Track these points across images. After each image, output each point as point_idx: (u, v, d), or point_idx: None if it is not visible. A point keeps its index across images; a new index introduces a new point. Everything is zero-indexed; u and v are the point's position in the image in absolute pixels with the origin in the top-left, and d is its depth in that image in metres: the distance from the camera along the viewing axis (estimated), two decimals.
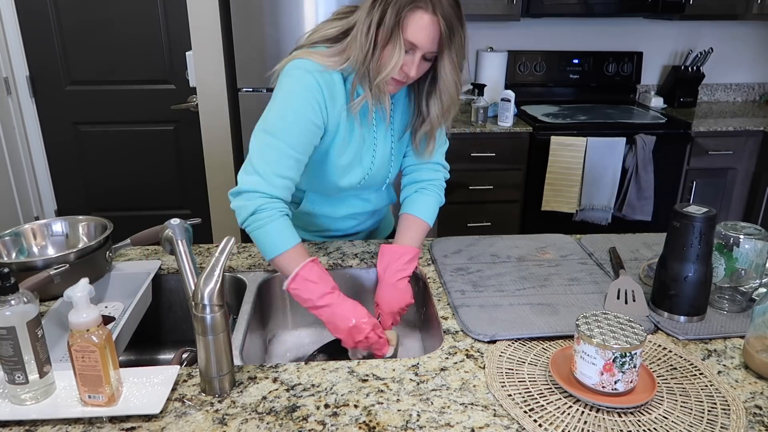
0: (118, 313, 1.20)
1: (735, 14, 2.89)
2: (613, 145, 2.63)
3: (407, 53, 1.06)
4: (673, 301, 1.04)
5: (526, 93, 3.12)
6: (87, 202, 3.04)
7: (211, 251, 1.37)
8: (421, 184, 1.31)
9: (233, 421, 0.81)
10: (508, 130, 2.71)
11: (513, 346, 0.98)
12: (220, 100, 2.58)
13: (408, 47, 1.05)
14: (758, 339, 0.91)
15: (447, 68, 1.09)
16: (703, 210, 0.99)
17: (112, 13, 2.73)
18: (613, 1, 2.81)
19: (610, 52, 3.16)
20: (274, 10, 2.41)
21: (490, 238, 1.41)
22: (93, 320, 0.79)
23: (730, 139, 2.79)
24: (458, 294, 1.14)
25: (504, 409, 0.84)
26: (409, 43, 1.04)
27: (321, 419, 0.82)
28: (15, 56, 2.76)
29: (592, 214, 2.75)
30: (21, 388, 0.82)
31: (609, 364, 0.81)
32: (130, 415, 0.82)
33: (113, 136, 2.94)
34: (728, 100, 3.38)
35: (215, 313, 0.82)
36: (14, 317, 0.79)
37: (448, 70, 1.09)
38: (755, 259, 1.05)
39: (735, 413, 0.82)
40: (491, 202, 2.83)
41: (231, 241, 0.86)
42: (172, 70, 2.84)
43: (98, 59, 2.81)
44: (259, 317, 1.22)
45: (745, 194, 2.92)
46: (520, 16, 2.79)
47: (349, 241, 1.42)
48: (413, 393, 0.87)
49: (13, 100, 2.80)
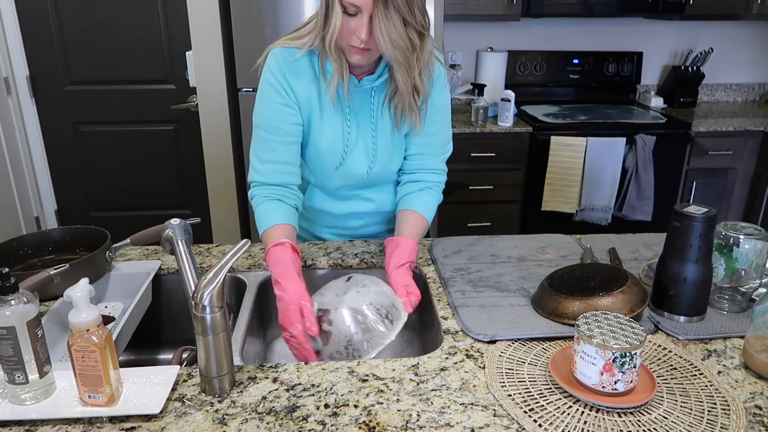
0: (118, 313, 1.20)
1: (735, 14, 2.89)
2: (613, 145, 2.63)
3: (353, 16, 1.04)
4: (673, 301, 1.04)
5: (526, 93, 3.12)
6: (87, 202, 3.04)
7: (211, 251, 1.37)
8: (421, 184, 1.31)
9: (233, 421, 0.81)
10: (508, 130, 2.71)
11: (513, 346, 0.98)
12: (220, 100, 2.58)
13: (352, 10, 1.04)
14: (758, 339, 0.91)
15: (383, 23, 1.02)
16: (703, 210, 0.99)
17: (112, 13, 2.73)
18: (613, 1, 2.82)
19: (610, 52, 3.16)
20: (274, 10, 2.41)
21: (490, 238, 1.41)
22: (93, 320, 0.79)
23: (730, 139, 2.79)
24: (458, 294, 1.14)
25: (504, 409, 0.84)
26: (350, 5, 1.03)
27: (321, 419, 0.82)
28: (15, 56, 2.76)
29: (592, 214, 2.75)
30: (21, 388, 0.82)
31: (609, 364, 0.81)
32: (130, 415, 0.82)
33: (113, 136, 2.94)
34: (728, 100, 3.38)
35: (215, 313, 0.82)
36: (14, 317, 0.79)
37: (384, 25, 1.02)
38: (755, 259, 1.05)
39: (735, 413, 0.82)
40: (491, 202, 2.83)
41: (246, 245, 0.86)
42: (172, 70, 2.83)
43: (98, 59, 2.80)
44: (259, 317, 1.22)
45: (745, 194, 2.92)
46: (520, 16, 2.79)
47: (349, 241, 1.42)
48: (413, 393, 0.87)
49: (13, 100, 2.80)
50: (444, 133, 1.30)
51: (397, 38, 1.04)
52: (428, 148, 1.29)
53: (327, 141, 1.23)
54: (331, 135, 1.22)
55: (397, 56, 1.07)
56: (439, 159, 1.32)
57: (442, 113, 1.27)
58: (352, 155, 1.25)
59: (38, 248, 1.29)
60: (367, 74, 1.19)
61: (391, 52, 1.06)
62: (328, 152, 1.24)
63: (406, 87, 1.15)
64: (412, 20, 1.03)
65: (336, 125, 1.22)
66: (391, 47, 1.05)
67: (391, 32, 1.02)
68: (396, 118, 1.22)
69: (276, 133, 1.19)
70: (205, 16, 2.45)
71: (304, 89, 1.19)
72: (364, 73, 1.19)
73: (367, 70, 1.18)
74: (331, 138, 1.23)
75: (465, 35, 3.12)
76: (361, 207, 1.36)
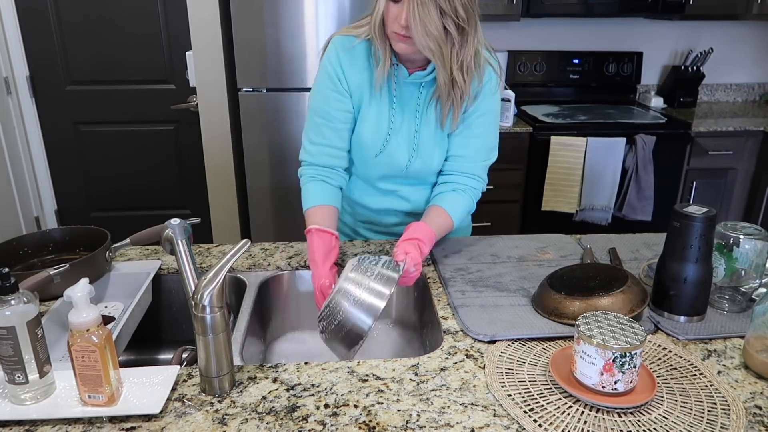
0: (118, 313, 1.20)
1: (735, 14, 2.89)
2: (613, 145, 2.63)
3: (396, 2, 1.08)
4: (673, 301, 1.04)
5: (526, 93, 3.12)
6: (87, 202, 3.04)
7: (211, 251, 1.37)
8: (454, 185, 1.30)
9: (233, 421, 0.81)
10: (509, 130, 2.71)
11: (513, 346, 0.98)
12: (220, 100, 2.58)
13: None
14: (758, 339, 0.91)
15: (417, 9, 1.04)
16: (703, 210, 0.99)
17: (112, 12, 2.73)
18: (613, 1, 2.81)
19: (610, 52, 3.16)
20: (274, 10, 2.41)
21: (490, 238, 1.41)
22: (93, 320, 0.79)
23: (730, 139, 2.78)
24: (458, 294, 1.14)
25: (504, 409, 0.84)
26: None
27: (321, 419, 0.82)
28: (15, 56, 2.76)
29: (592, 214, 2.75)
30: (21, 388, 0.82)
31: (609, 364, 0.81)
32: (130, 415, 0.82)
33: (113, 136, 2.94)
34: (728, 100, 3.37)
35: (215, 313, 0.82)
36: (14, 317, 0.79)
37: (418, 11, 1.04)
38: (755, 259, 1.05)
39: (735, 413, 0.82)
40: (491, 202, 2.82)
41: (247, 245, 0.86)
42: (172, 70, 2.84)
43: (98, 59, 2.81)
44: (259, 317, 1.22)
45: (745, 194, 2.92)
46: (520, 16, 2.79)
47: (349, 240, 1.42)
48: (413, 393, 0.87)
49: (13, 100, 2.80)
50: (487, 138, 1.29)
51: (430, 26, 1.06)
52: (469, 150, 1.28)
53: (371, 126, 1.26)
54: (376, 120, 1.26)
55: (429, 44, 1.08)
56: (479, 165, 1.30)
57: (487, 118, 1.26)
58: (394, 144, 1.27)
59: (38, 248, 1.29)
60: (419, 69, 1.21)
61: (423, 40, 1.07)
62: (371, 137, 1.26)
63: (444, 80, 1.16)
64: (449, 11, 1.06)
65: (382, 112, 1.25)
66: (424, 34, 1.07)
67: (425, 19, 1.05)
68: (439, 115, 1.24)
69: (326, 118, 1.25)
70: (205, 16, 2.45)
71: (357, 75, 1.23)
72: (416, 68, 1.21)
73: (420, 66, 1.21)
74: (376, 123, 1.26)
75: None
76: (398, 205, 1.37)
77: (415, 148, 1.27)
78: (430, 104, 1.24)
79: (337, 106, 1.24)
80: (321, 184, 1.27)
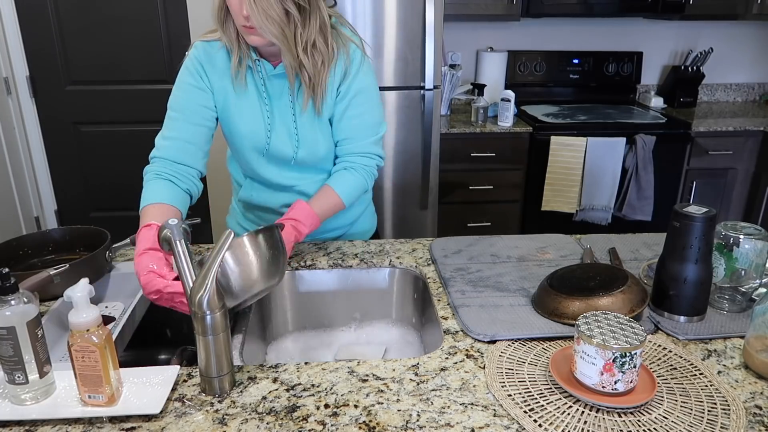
0: (118, 313, 1.20)
1: (735, 14, 2.89)
2: (613, 145, 2.63)
3: None
4: (673, 301, 1.04)
5: (526, 93, 3.12)
6: (87, 202, 3.04)
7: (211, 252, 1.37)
8: (345, 164, 1.30)
9: (233, 421, 0.81)
10: (508, 130, 2.71)
11: (513, 346, 0.98)
12: None
13: None
14: (758, 339, 0.91)
15: None
16: (703, 210, 0.99)
17: (112, 13, 2.73)
18: (613, 1, 2.82)
19: (610, 52, 3.16)
20: None
21: (490, 238, 1.41)
22: (93, 320, 0.79)
23: (730, 139, 2.79)
24: (458, 294, 1.14)
25: (504, 409, 0.84)
26: None
27: (321, 419, 0.82)
28: (15, 56, 2.76)
29: (592, 214, 2.75)
30: (21, 388, 0.82)
31: (609, 364, 0.81)
32: (130, 415, 0.82)
33: (113, 136, 2.94)
34: (728, 100, 3.38)
35: (215, 314, 0.82)
36: (14, 317, 0.79)
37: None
38: (755, 259, 1.05)
39: (735, 413, 0.82)
40: (491, 202, 2.83)
41: (230, 237, 0.85)
42: (172, 70, 2.83)
43: (98, 59, 2.80)
44: (259, 317, 1.22)
45: (745, 194, 2.92)
46: (520, 16, 2.79)
47: (349, 240, 1.42)
48: (413, 393, 0.87)
49: (13, 100, 2.80)
50: (368, 116, 1.29)
51: (269, 11, 1.06)
52: (353, 131, 1.29)
53: (247, 124, 1.26)
54: (251, 119, 1.26)
55: (272, 30, 1.08)
56: (368, 142, 1.30)
57: (364, 95, 1.26)
58: (275, 138, 1.27)
59: (38, 248, 1.29)
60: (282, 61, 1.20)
61: (265, 25, 1.07)
62: (250, 135, 1.27)
63: (291, 64, 1.16)
64: None
65: (254, 110, 1.26)
66: (265, 19, 1.06)
67: (262, 4, 1.05)
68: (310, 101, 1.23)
69: (183, 112, 1.22)
70: (205, 15, 2.45)
71: (219, 76, 1.23)
72: (279, 61, 1.21)
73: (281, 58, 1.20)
74: (252, 122, 1.26)
75: (465, 35, 3.12)
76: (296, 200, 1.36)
77: (297, 138, 1.27)
78: (299, 93, 1.24)
79: (197, 101, 1.22)
80: (166, 183, 1.16)
